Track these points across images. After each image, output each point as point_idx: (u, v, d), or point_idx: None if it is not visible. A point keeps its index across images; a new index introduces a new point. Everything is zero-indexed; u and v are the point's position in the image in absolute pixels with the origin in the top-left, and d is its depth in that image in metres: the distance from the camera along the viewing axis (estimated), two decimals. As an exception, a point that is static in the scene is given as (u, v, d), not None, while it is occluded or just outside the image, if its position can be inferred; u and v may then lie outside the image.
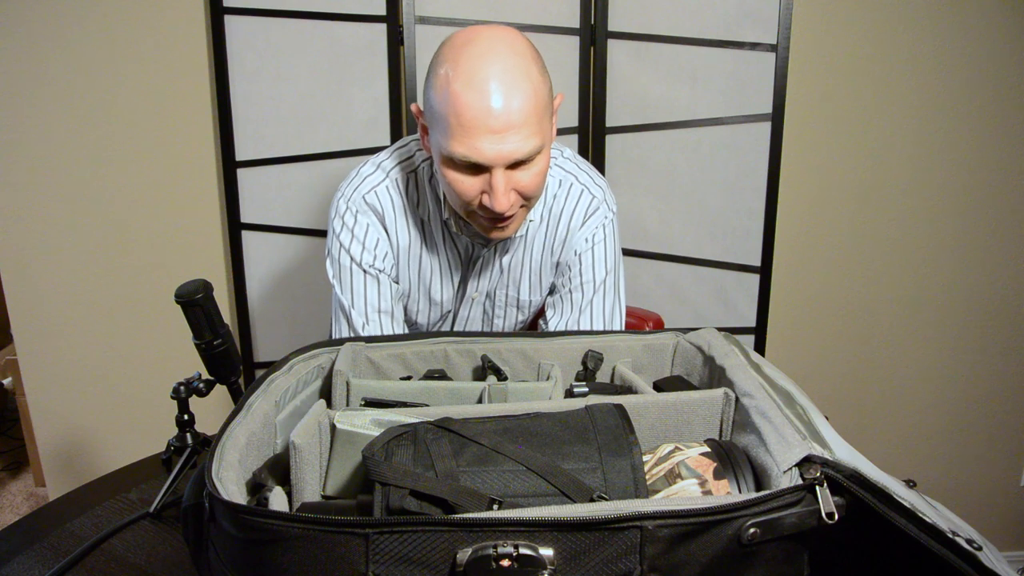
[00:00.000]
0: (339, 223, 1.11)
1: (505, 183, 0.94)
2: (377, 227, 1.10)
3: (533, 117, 0.92)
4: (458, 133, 0.91)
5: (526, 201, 1.01)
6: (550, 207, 1.15)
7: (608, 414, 0.66)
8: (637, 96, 1.79)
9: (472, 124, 0.90)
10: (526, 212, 1.05)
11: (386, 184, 1.10)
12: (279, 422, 0.74)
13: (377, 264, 1.11)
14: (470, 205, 0.99)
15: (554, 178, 1.15)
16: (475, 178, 0.95)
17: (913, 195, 2.01)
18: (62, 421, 1.92)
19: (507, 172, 0.94)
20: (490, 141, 0.90)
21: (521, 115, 0.90)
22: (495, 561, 0.51)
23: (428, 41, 1.70)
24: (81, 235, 1.82)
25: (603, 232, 1.16)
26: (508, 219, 1.01)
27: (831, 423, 0.66)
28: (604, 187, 1.18)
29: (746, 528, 0.54)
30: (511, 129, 0.90)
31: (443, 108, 0.92)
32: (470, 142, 0.91)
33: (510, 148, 0.91)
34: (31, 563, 0.83)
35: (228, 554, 0.56)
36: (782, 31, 1.72)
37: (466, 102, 0.89)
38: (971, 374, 2.16)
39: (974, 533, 0.59)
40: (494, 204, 0.95)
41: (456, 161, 0.94)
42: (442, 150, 0.94)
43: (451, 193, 0.99)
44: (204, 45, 1.75)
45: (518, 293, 1.21)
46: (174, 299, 0.88)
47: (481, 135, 0.90)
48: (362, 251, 1.10)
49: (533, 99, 0.91)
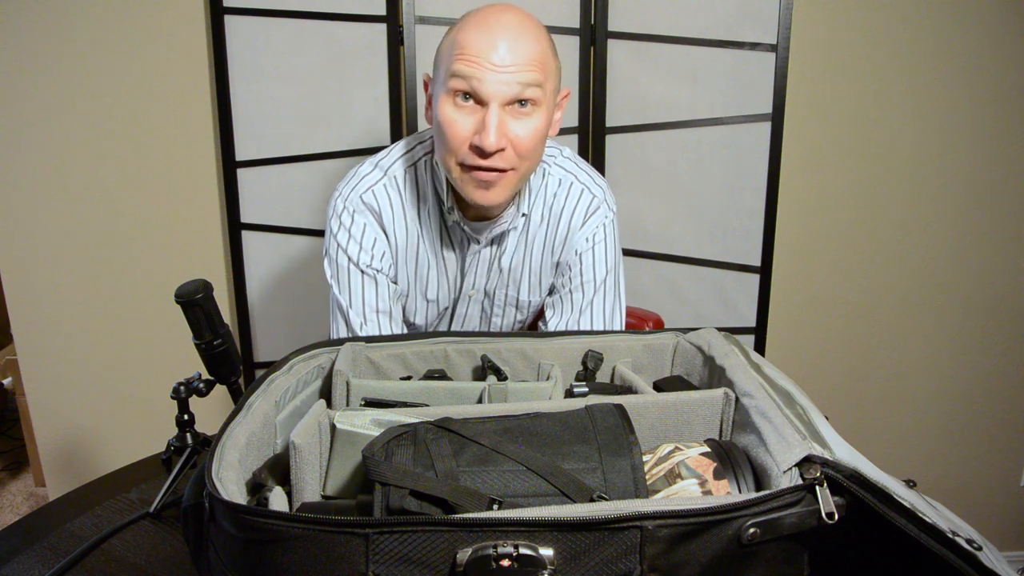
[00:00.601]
0: (336, 223, 1.10)
1: (499, 122, 0.95)
2: (374, 227, 1.10)
3: (536, 66, 0.95)
4: (460, 58, 0.94)
5: (517, 162, 0.99)
6: (550, 206, 1.15)
7: (608, 414, 0.66)
8: (637, 96, 1.79)
9: (477, 52, 0.93)
10: (515, 180, 1.02)
11: (383, 183, 1.10)
12: (279, 422, 0.74)
13: (375, 264, 1.11)
14: (459, 150, 0.98)
15: (554, 177, 1.15)
16: (470, 116, 0.96)
17: (913, 195, 2.01)
18: (62, 421, 1.92)
19: (502, 112, 0.95)
20: (492, 71, 0.93)
21: (526, 55, 0.94)
22: (495, 561, 0.51)
23: (428, 41, 1.70)
24: (81, 235, 1.82)
25: (603, 232, 1.16)
26: (494, 173, 0.98)
27: (831, 423, 0.66)
28: (604, 187, 1.18)
29: (746, 528, 0.54)
30: (514, 65, 0.93)
31: (451, 45, 0.96)
32: (472, 69, 0.93)
33: (508, 79, 0.93)
34: (31, 563, 0.83)
35: (228, 554, 0.56)
36: (782, 31, 1.72)
37: (475, 36, 0.94)
38: (971, 374, 2.16)
39: (974, 533, 0.59)
40: (483, 139, 0.94)
41: (455, 84, 0.95)
42: (443, 80, 0.96)
43: (444, 141, 0.99)
44: (204, 45, 1.75)
45: (518, 293, 1.21)
46: (174, 299, 0.88)
47: (484, 64, 0.93)
48: (359, 251, 1.10)
49: (539, 51, 0.95)
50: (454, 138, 0.97)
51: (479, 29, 0.94)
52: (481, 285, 1.20)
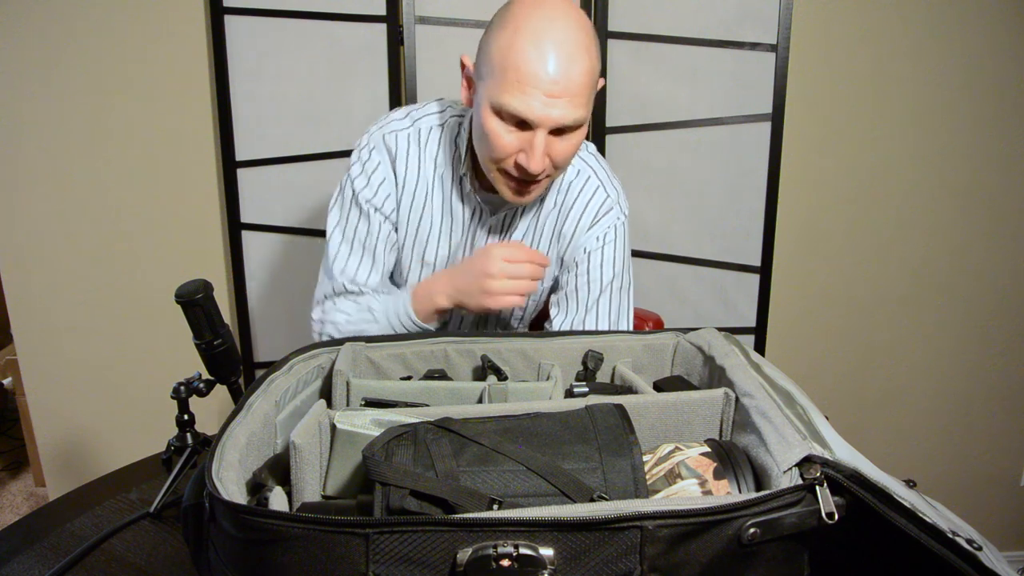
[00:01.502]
0: (356, 156, 1.14)
1: (544, 146, 0.97)
2: (387, 166, 1.12)
3: (585, 89, 0.96)
4: (514, 87, 0.94)
5: (554, 171, 1.03)
6: (565, 193, 1.16)
7: (608, 414, 0.66)
8: (637, 96, 1.79)
9: (530, 81, 0.93)
10: (548, 183, 1.07)
11: (408, 132, 1.13)
12: (279, 422, 0.74)
13: (375, 201, 1.12)
14: (503, 162, 1.01)
15: (573, 167, 1.16)
16: (516, 135, 0.98)
17: (913, 195, 2.01)
18: (62, 421, 1.92)
19: (548, 136, 0.97)
20: (542, 102, 0.93)
21: (576, 84, 0.94)
22: (495, 561, 0.51)
23: (428, 41, 1.70)
24: (81, 235, 1.82)
25: (614, 233, 1.16)
26: (534, 184, 1.03)
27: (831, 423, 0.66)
28: (619, 189, 1.19)
29: (746, 528, 0.54)
30: (565, 96, 0.94)
31: (504, 60, 0.94)
32: (524, 98, 0.93)
33: (559, 113, 0.94)
34: (31, 563, 0.83)
35: (228, 554, 0.56)
36: (782, 31, 1.72)
37: (529, 59, 0.92)
38: (971, 373, 2.16)
39: (974, 533, 0.59)
40: (530, 164, 0.97)
41: (503, 114, 0.96)
42: (492, 100, 0.97)
43: (487, 146, 1.01)
44: (204, 45, 1.75)
45: None
46: (174, 299, 0.88)
47: (536, 94, 0.93)
48: (366, 185, 1.12)
49: (589, 73, 0.95)
50: (500, 149, 0.99)
51: (534, 47, 0.92)
52: None
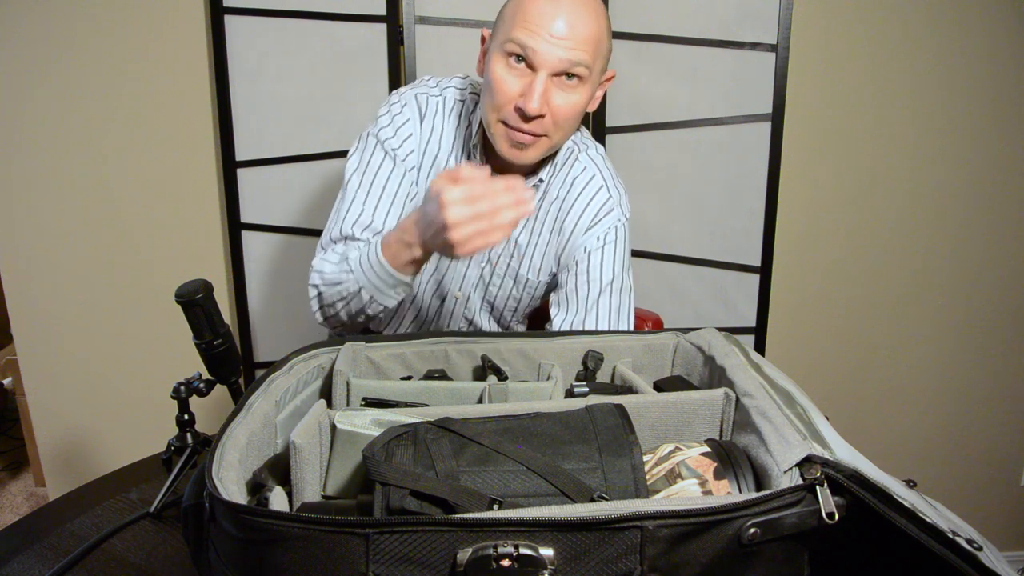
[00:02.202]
0: (385, 108, 1.16)
1: (544, 89, 1.00)
2: (415, 123, 1.15)
3: (591, 42, 1.00)
4: (522, 25, 0.99)
5: (552, 129, 1.05)
6: (569, 186, 1.18)
7: (608, 414, 0.66)
8: (637, 96, 1.79)
9: (538, 21, 0.98)
10: (546, 146, 1.08)
11: (437, 99, 1.16)
12: (279, 422, 0.74)
13: (400, 151, 1.14)
14: (503, 109, 1.03)
15: (580, 162, 1.18)
16: (519, 78, 1.01)
17: (913, 195, 2.01)
18: (62, 421, 1.92)
19: (548, 81, 1.00)
20: (547, 42, 0.98)
21: (582, 34, 0.99)
22: (495, 561, 0.51)
23: (428, 41, 1.70)
24: (81, 235, 1.82)
25: (615, 234, 1.17)
26: (530, 137, 1.04)
27: (831, 423, 0.66)
28: (622, 191, 1.20)
29: (746, 528, 0.54)
30: (570, 39, 0.98)
31: (516, 8, 1.00)
32: (530, 34, 0.98)
33: (562, 54, 0.99)
34: (31, 563, 0.83)
35: (228, 554, 0.56)
36: (782, 31, 1.72)
37: (538, 5, 0.99)
38: (971, 374, 2.16)
39: (974, 533, 0.59)
40: (526, 103, 1.00)
41: (510, 50, 1.00)
42: (501, 41, 1.01)
43: (490, 92, 1.04)
44: (204, 45, 1.75)
45: (519, 266, 1.22)
46: (174, 299, 0.88)
47: (542, 34, 0.98)
48: (392, 135, 1.13)
49: (596, 30, 1.01)
50: (501, 95, 1.02)
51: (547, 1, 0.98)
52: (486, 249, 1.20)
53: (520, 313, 1.31)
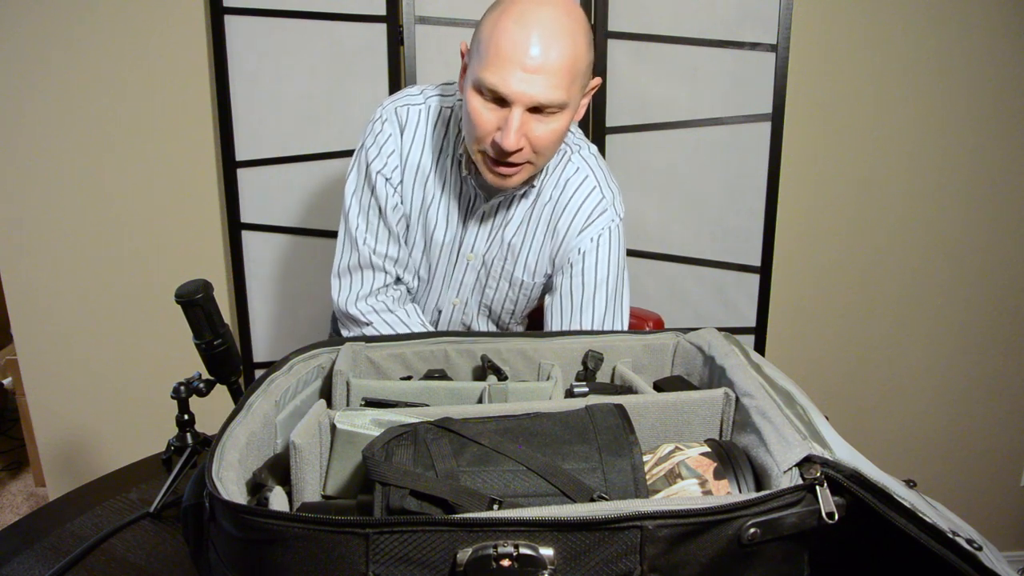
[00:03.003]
0: (370, 128, 1.16)
1: (520, 123, 0.98)
2: (396, 137, 1.15)
3: (565, 72, 0.97)
4: (494, 62, 0.96)
5: (534, 157, 1.04)
6: (562, 188, 1.17)
7: (608, 414, 0.66)
8: (637, 96, 1.79)
9: (508, 57, 0.95)
10: (531, 170, 1.07)
11: (420, 108, 1.15)
12: (279, 422, 0.74)
13: (385, 172, 1.14)
14: (482, 142, 1.02)
15: (573, 164, 1.18)
16: (495, 113, 0.99)
17: (913, 195, 2.01)
18: (62, 421, 1.92)
19: (525, 115, 0.98)
20: (519, 78, 0.95)
21: (555, 65, 0.96)
22: (495, 561, 0.51)
23: (428, 41, 1.70)
24: (81, 235, 1.82)
25: (608, 235, 1.17)
26: (512, 168, 1.04)
27: (831, 423, 0.66)
28: (616, 192, 1.19)
29: (746, 528, 0.54)
30: (542, 73, 0.95)
31: (487, 38, 0.97)
32: (502, 73, 0.96)
33: (535, 91, 0.96)
34: (31, 563, 0.83)
35: (228, 554, 0.56)
36: (782, 31, 1.72)
37: (510, 36, 0.95)
38: (971, 374, 2.16)
39: (974, 533, 0.59)
40: (503, 140, 0.98)
41: (483, 90, 0.98)
42: (474, 77, 0.99)
43: (468, 125, 1.03)
44: (204, 45, 1.75)
45: (513, 268, 1.22)
46: (174, 299, 0.89)
47: (513, 69, 0.95)
48: (377, 155, 1.14)
49: (571, 57, 0.97)
50: (478, 128, 1.01)
51: (517, 25, 0.95)
52: (480, 252, 1.20)
53: (517, 315, 1.31)
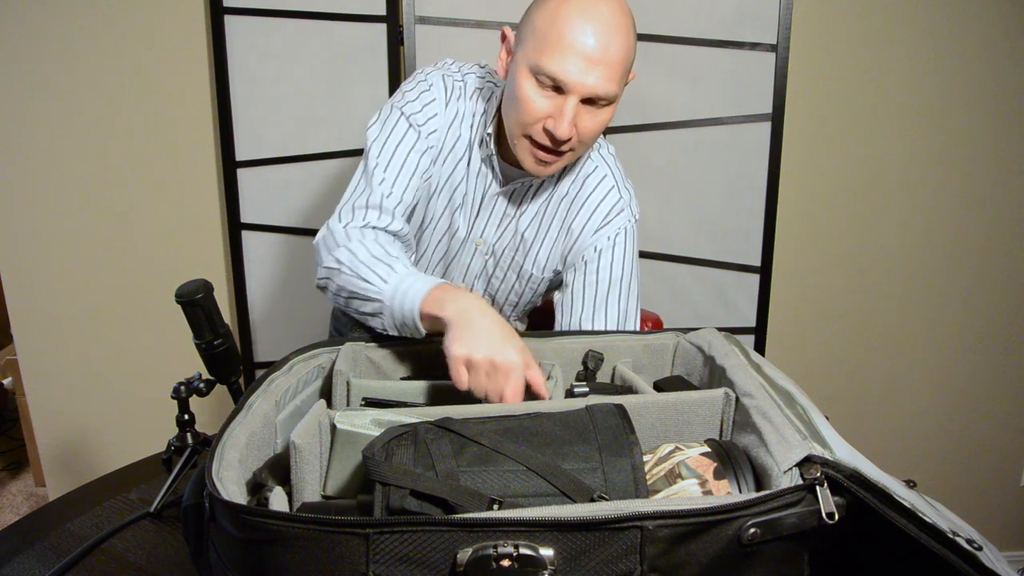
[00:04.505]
0: (412, 83, 1.13)
1: (574, 113, 0.98)
2: (441, 103, 1.13)
3: (621, 66, 0.98)
4: (556, 50, 0.95)
5: (577, 145, 1.04)
6: (580, 185, 1.17)
7: (608, 414, 0.66)
8: (637, 96, 1.78)
9: (572, 46, 0.95)
10: (569, 159, 1.08)
11: (459, 83, 1.15)
12: (279, 422, 0.74)
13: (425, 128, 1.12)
14: (531, 127, 1.02)
15: (592, 161, 1.18)
16: (549, 100, 0.99)
17: (913, 195, 2.01)
18: (62, 421, 1.92)
19: (579, 105, 0.98)
20: (580, 68, 0.95)
21: (614, 58, 0.96)
22: (495, 561, 0.51)
23: (428, 41, 1.70)
24: (81, 235, 1.82)
25: (624, 235, 1.17)
26: (556, 156, 1.04)
27: (831, 423, 0.66)
28: (632, 193, 1.20)
29: (746, 528, 0.54)
30: (603, 65, 0.95)
31: (548, 24, 0.96)
32: (563, 61, 0.95)
33: (594, 81, 0.96)
34: (31, 563, 0.83)
35: (228, 554, 0.56)
36: (782, 31, 1.72)
37: (573, 25, 0.95)
38: (971, 374, 2.16)
39: (974, 533, 0.59)
40: (558, 128, 0.98)
41: (540, 75, 0.98)
42: (530, 62, 0.98)
43: (518, 109, 1.02)
44: (204, 45, 1.75)
45: (524, 260, 1.21)
46: (174, 299, 0.89)
47: (576, 59, 0.95)
48: (419, 110, 1.11)
49: (627, 51, 0.98)
50: (528, 114, 1.00)
51: (581, 17, 0.95)
52: (491, 240, 1.20)
53: (520, 309, 1.30)
